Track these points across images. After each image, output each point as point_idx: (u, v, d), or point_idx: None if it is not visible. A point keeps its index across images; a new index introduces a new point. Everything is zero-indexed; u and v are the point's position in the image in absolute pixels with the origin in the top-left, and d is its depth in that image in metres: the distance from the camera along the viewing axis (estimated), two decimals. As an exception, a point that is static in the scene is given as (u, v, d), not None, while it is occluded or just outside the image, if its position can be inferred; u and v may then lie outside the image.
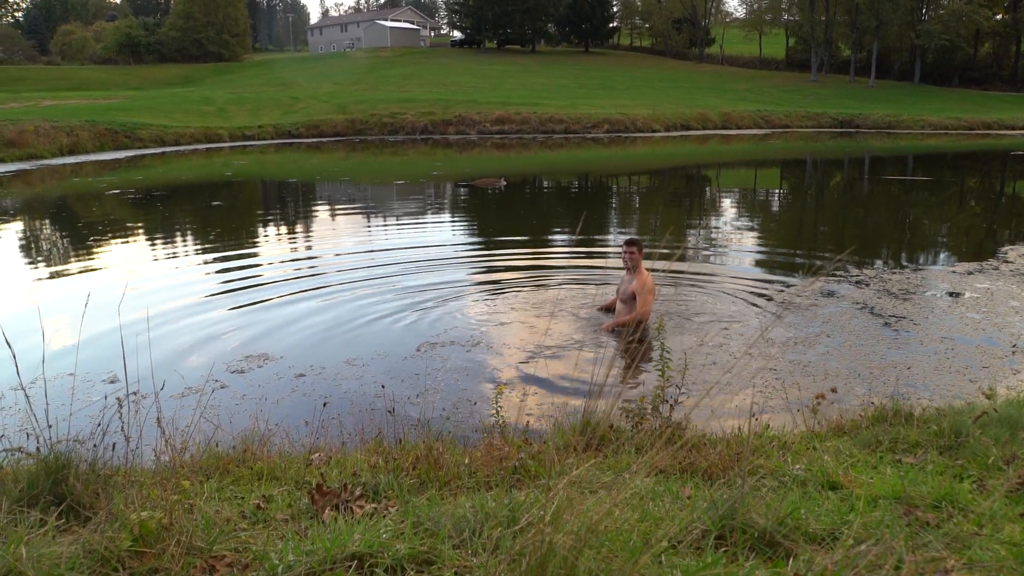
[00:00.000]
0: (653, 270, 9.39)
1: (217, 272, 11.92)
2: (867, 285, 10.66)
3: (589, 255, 13.22)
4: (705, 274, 11.55)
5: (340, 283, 11.02)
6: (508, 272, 11.80)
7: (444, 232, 16.25)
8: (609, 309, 9.16)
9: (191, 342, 8.37)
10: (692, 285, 10.81)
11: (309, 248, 14.45)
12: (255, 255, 13.60)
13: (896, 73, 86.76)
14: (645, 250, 8.86)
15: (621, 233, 15.76)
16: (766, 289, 10.61)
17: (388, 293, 10.40)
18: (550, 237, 15.62)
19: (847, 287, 10.60)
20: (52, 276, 11.88)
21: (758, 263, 12.49)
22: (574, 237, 14.82)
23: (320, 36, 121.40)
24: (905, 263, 12.50)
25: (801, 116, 57.76)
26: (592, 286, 10.65)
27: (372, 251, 13.69)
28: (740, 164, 36.18)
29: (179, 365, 7.46)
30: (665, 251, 13.09)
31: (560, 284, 10.86)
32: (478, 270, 12.19)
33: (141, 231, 16.34)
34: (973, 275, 11.31)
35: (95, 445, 3.59)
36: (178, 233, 16.22)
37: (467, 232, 16.71)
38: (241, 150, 39.00)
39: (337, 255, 13.38)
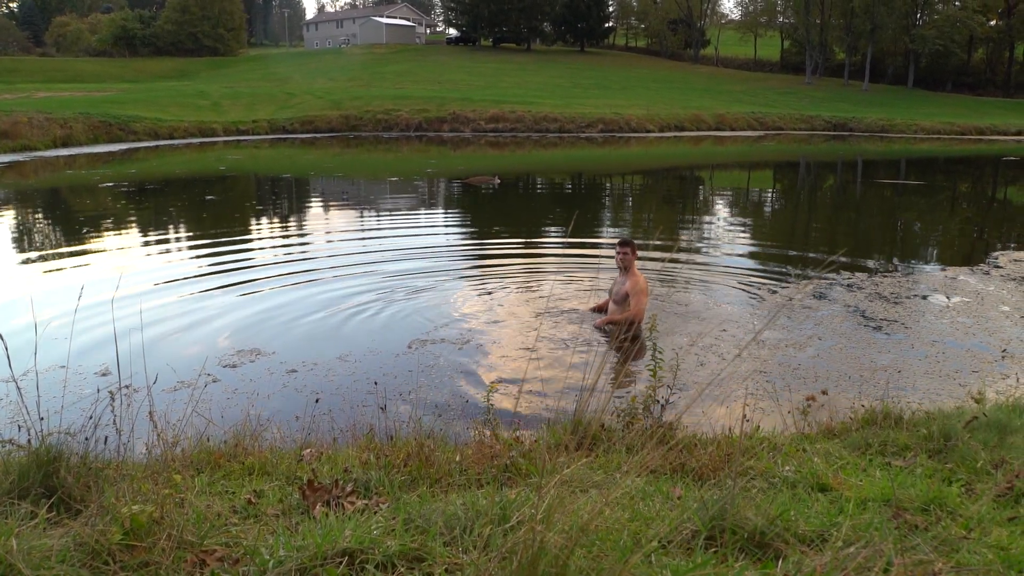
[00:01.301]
0: (645, 269, 9.41)
1: (210, 266, 11.90)
2: (858, 288, 10.69)
3: (582, 254, 13.22)
4: (697, 275, 11.57)
5: (332, 279, 11.01)
6: (501, 269, 11.81)
7: (437, 228, 16.24)
8: (601, 310, 9.16)
9: (183, 336, 8.37)
10: (684, 286, 10.84)
11: (302, 243, 14.43)
12: (248, 250, 13.57)
13: (890, 77, 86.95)
14: (638, 250, 8.88)
15: (614, 232, 15.78)
16: (758, 291, 10.64)
17: (380, 289, 10.40)
18: (543, 235, 15.63)
19: (839, 290, 10.63)
20: (45, 268, 11.85)
21: (750, 265, 12.51)
22: (567, 235, 14.82)
23: (315, 32, 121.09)
24: (896, 267, 12.54)
25: (795, 119, 57.84)
26: (585, 285, 10.66)
27: (365, 247, 13.68)
28: (733, 166, 36.24)
29: (171, 359, 7.45)
30: (658, 252, 13.12)
31: (553, 282, 10.86)
32: (471, 267, 12.20)
33: (134, 224, 16.30)
34: (964, 279, 11.35)
35: (87, 438, 3.59)
36: (171, 227, 16.18)
37: (460, 229, 16.71)
38: (235, 145, 38.93)
39: (330, 251, 13.37)
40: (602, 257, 12.59)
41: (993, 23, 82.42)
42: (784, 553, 3.00)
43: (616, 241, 8.90)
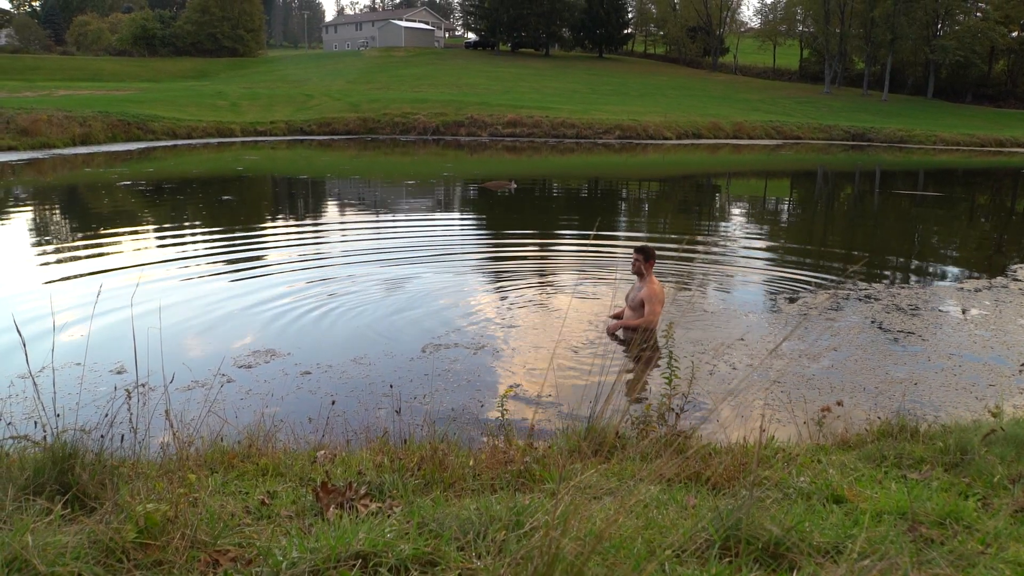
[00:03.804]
0: (663, 275, 9.38)
1: (227, 266, 11.94)
2: (875, 299, 10.64)
3: (599, 259, 13.21)
4: (714, 282, 11.55)
5: (348, 281, 11.03)
6: (517, 274, 11.81)
7: (453, 232, 16.27)
8: (619, 318, 9.14)
9: (199, 335, 8.40)
10: (701, 293, 10.81)
11: (318, 244, 14.47)
12: (265, 250, 13.63)
13: (909, 88, 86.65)
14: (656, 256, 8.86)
15: (632, 238, 15.74)
16: (775, 301, 10.60)
17: (396, 292, 10.41)
18: (560, 239, 15.62)
19: (855, 301, 10.58)
20: (63, 265, 11.92)
21: (768, 275, 12.46)
22: (588, 239, 14.81)
23: (335, 34, 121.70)
24: (914, 278, 12.47)
25: (813, 128, 57.67)
26: (602, 291, 10.65)
27: (381, 250, 13.70)
28: (751, 174, 36.14)
29: (187, 358, 7.48)
30: (675, 259, 13.08)
31: (569, 289, 10.86)
32: (487, 271, 12.20)
33: (152, 223, 16.39)
34: (982, 292, 11.28)
35: (102, 436, 3.61)
36: (189, 226, 16.26)
37: (476, 232, 16.72)
38: (253, 145, 39.11)
39: (345, 253, 13.40)
40: (620, 261, 12.57)
41: (1015, 34, 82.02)
42: (799, 564, 2.98)
43: (634, 247, 8.89)
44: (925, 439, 5.03)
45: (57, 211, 18.26)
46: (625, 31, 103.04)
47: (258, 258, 12.77)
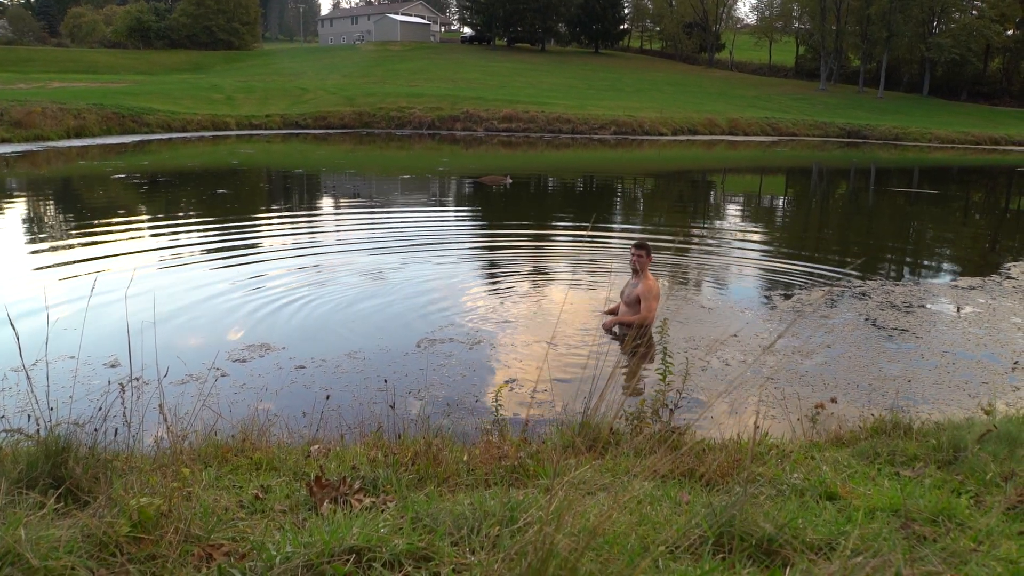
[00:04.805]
0: (657, 271, 9.38)
1: (221, 260, 11.92)
2: (869, 297, 10.66)
3: (595, 255, 13.21)
4: (709, 279, 11.56)
5: (343, 275, 11.02)
6: (512, 269, 11.81)
7: (448, 226, 16.25)
8: (614, 313, 9.14)
9: (193, 329, 8.39)
10: (696, 289, 10.82)
11: (313, 238, 14.44)
12: (259, 244, 13.60)
13: (905, 85, 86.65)
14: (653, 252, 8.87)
15: (627, 233, 15.73)
16: (769, 298, 10.61)
17: (392, 286, 10.40)
18: (555, 235, 15.61)
19: (850, 298, 10.60)
20: (57, 258, 11.88)
21: (762, 271, 12.48)
22: (582, 235, 14.81)
23: (330, 28, 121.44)
24: (908, 276, 12.49)
25: (808, 125, 57.63)
26: (598, 286, 10.65)
27: (376, 243, 13.69)
28: (746, 170, 36.14)
29: (181, 352, 7.46)
30: (671, 254, 13.09)
31: (564, 284, 10.86)
32: (482, 266, 12.20)
33: (146, 216, 16.34)
34: (976, 290, 11.30)
35: (96, 429, 3.60)
36: (183, 219, 16.21)
37: (471, 227, 16.71)
38: (248, 139, 39.00)
39: (340, 247, 13.38)
40: (616, 256, 12.58)
41: (1010, 32, 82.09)
42: (792, 561, 2.99)
43: (632, 243, 8.88)
44: (918, 436, 5.04)
45: (51, 204, 18.20)
46: (621, 27, 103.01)
47: (253, 252, 12.75)
